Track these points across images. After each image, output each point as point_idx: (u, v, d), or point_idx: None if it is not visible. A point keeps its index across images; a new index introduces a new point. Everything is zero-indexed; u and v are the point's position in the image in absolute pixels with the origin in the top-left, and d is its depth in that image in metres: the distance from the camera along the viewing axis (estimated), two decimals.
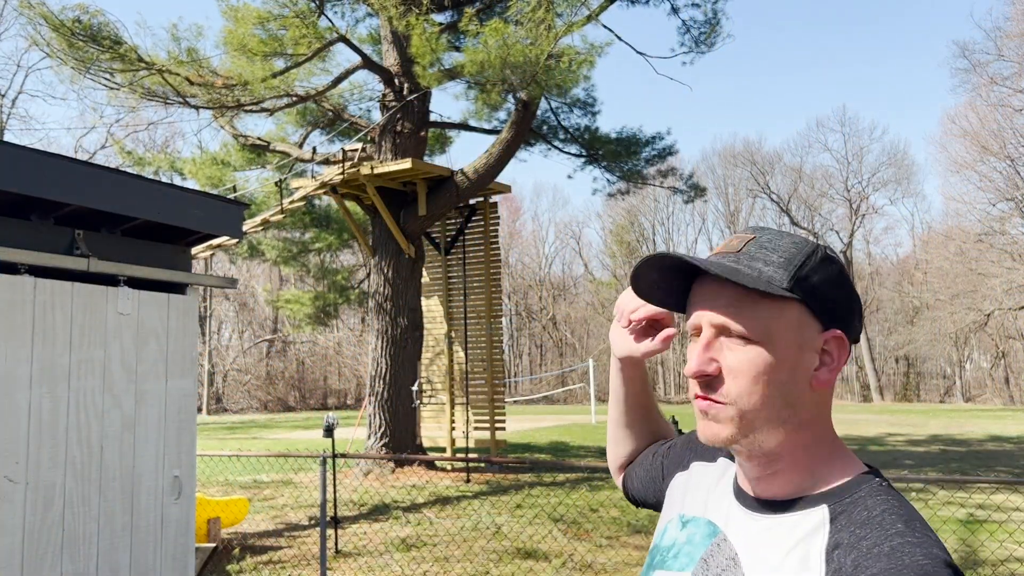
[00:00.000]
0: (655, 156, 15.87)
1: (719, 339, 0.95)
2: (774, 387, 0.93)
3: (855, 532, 0.87)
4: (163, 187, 3.90)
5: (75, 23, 10.76)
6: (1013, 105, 33.90)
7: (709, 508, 1.06)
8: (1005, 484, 7.17)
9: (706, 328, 0.96)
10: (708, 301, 0.96)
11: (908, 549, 0.82)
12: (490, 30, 10.26)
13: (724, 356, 0.94)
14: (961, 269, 37.20)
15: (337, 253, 24.60)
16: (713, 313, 0.95)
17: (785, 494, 0.96)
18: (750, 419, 0.93)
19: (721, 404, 0.94)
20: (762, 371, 0.93)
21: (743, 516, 0.99)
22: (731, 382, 0.94)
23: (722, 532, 1.00)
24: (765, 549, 0.94)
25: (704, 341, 0.96)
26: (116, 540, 3.50)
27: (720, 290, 0.95)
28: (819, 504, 0.93)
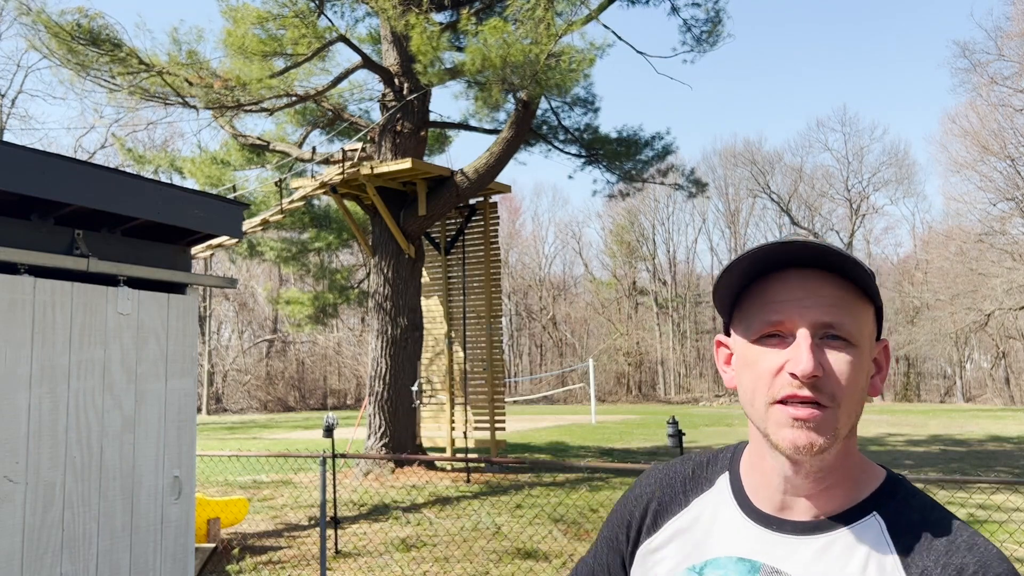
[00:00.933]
0: (655, 156, 15.87)
1: (815, 340, 0.89)
2: (860, 391, 0.91)
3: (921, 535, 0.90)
4: (163, 187, 3.90)
5: (74, 27, 10.75)
6: (1013, 105, 33.92)
7: (724, 547, 0.96)
8: (1005, 484, 7.16)
9: (804, 326, 0.89)
10: (806, 297, 0.90)
11: (979, 540, 0.89)
12: (490, 28, 10.25)
13: (827, 357, 0.89)
14: (961, 269, 37.20)
15: (337, 253, 24.60)
16: (817, 310, 0.89)
17: (836, 507, 0.93)
18: (842, 425, 0.89)
19: (825, 408, 0.88)
20: (857, 375, 0.90)
21: (785, 541, 0.93)
22: (834, 386, 0.88)
23: (765, 564, 0.92)
24: (830, 570, 0.89)
25: (809, 341, 0.88)
26: (116, 540, 3.50)
27: (821, 286, 0.90)
28: (868, 514, 0.92)
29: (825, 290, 0.90)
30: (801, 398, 0.88)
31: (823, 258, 0.90)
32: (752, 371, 0.93)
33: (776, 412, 0.89)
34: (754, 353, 0.92)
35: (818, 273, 0.91)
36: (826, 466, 0.91)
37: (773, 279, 0.92)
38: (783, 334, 0.91)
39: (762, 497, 0.96)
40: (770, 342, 0.91)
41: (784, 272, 0.92)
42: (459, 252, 14.28)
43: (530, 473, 12.75)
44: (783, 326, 0.90)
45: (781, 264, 0.92)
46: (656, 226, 53.47)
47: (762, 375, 0.91)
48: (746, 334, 0.94)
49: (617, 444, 18.37)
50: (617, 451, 16.77)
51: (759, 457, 0.97)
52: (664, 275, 53.33)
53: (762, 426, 0.92)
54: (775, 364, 0.90)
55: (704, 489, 1.03)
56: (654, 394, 49.96)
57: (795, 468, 0.91)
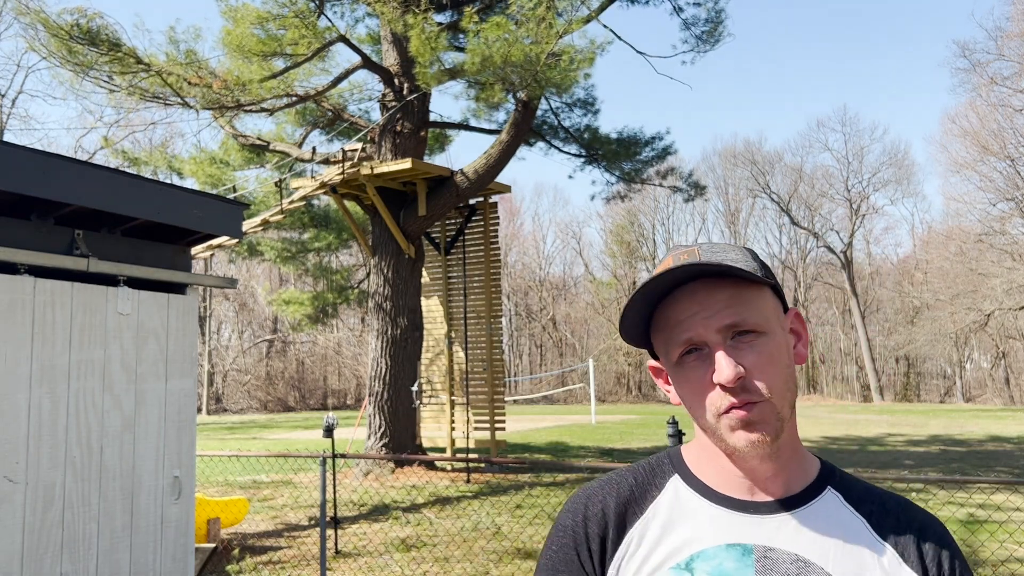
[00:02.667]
0: (655, 156, 15.87)
1: (727, 342, 0.93)
2: (786, 372, 0.95)
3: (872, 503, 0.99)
4: (163, 187, 3.90)
5: (73, 27, 10.74)
6: (1013, 105, 33.91)
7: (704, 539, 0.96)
8: (1005, 484, 7.16)
9: (711, 335, 0.93)
10: (703, 308, 0.93)
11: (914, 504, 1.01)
12: (491, 26, 10.25)
13: (743, 355, 0.92)
14: (961, 269, 37.21)
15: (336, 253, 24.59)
16: (717, 316, 0.92)
17: (796, 486, 0.98)
18: (782, 409, 0.93)
19: (759, 403, 0.91)
20: (777, 360, 0.94)
21: (765, 521, 0.95)
22: (758, 380, 0.92)
23: (756, 545, 0.94)
24: (818, 541, 0.94)
25: (722, 346, 0.92)
26: (116, 540, 3.49)
27: (710, 294, 0.94)
28: (824, 487, 0.99)
29: (719, 294, 0.94)
30: (738, 404, 0.91)
31: (698, 274, 0.94)
32: (688, 390, 0.96)
33: (724, 421, 0.93)
34: (683, 373, 0.96)
35: (706, 282, 0.94)
36: (781, 445, 0.95)
37: (667, 304, 0.96)
38: (699, 347, 0.94)
39: (729, 485, 0.99)
40: (689, 359, 0.95)
41: (676, 292, 0.96)
42: (459, 252, 14.28)
43: (530, 473, 12.74)
44: (694, 341, 0.94)
45: (672, 286, 0.96)
46: (656, 226, 53.50)
47: (698, 393, 0.94)
48: (668, 358, 0.98)
49: (617, 444, 18.37)
50: (617, 451, 16.77)
51: (713, 453, 1.00)
52: None
53: (716, 435, 0.95)
54: (704, 379, 0.94)
55: (655, 494, 1.02)
56: (654, 394, 49.96)
57: (754, 458, 0.95)
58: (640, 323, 0.99)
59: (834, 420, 26.29)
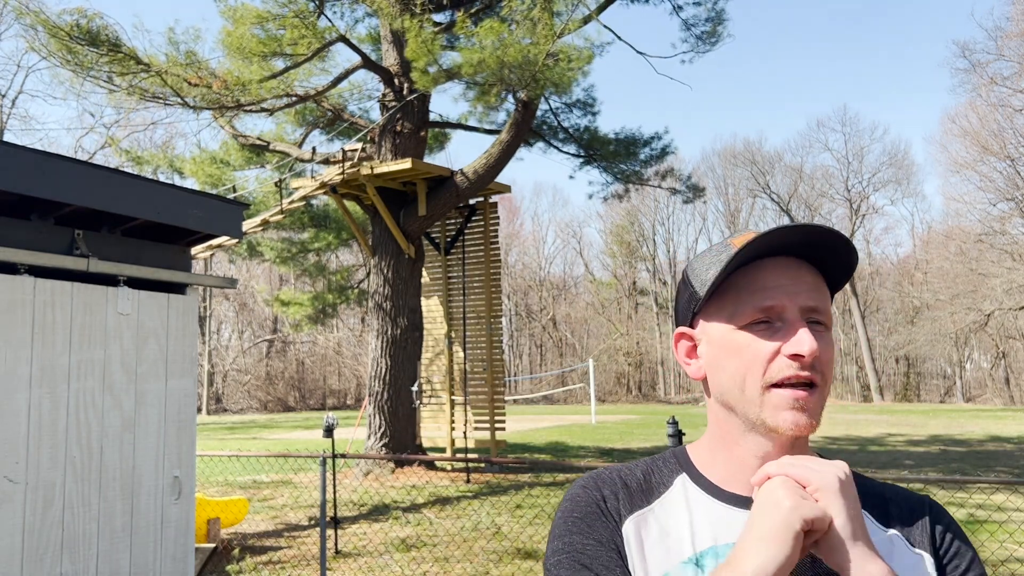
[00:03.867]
0: (654, 156, 15.86)
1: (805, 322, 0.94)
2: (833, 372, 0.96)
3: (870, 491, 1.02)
4: (163, 187, 3.90)
5: (73, 27, 10.74)
6: (1013, 105, 33.92)
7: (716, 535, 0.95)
8: (1005, 484, 7.16)
9: (793, 311, 0.93)
10: (793, 284, 0.94)
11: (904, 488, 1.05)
12: (485, 30, 10.25)
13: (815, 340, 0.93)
14: (961, 269, 37.21)
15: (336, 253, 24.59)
16: (805, 295, 0.93)
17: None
18: (824, 405, 0.95)
19: (817, 389, 0.92)
20: (832, 356, 0.96)
21: None
22: (824, 367, 0.93)
23: None
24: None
25: (803, 323, 0.92)
26: (116, 540, 3.49)
27: (801, 274, 0.95)
28: None
29: (807, 276, 0.95)
30: (801, 379, 0.91)
31: (811, 246, 0.94)
32: (741, 357, 0.94)
33: (774, 396, 0.91)
34: (743, 339, 0.94)
35: (797, 260, 0.96)
36: (799, 446, 0.96)
37: (758, 266, 0.95)
38: (771, 319, 0.93)
39: (737, 483, 0.97)
40: (758, 328, 0.93)
41: (769, 260, 0.95)
42: (459, 252, 14.28)
43: (530, 473, 12.75)
44: (773, 311, 0.93)
45: (766, 251, 0.95)
46: (656, 226, 53.50)
47: (756, 360, 0.93)
48: (731, 320, 0.96)
49: (617, 444, 18.36)
50: (617, 451, 16.76)
51: (729, 445, 0.98)
52: (664, 275, 53.32)
53: (754, 411, 0.93)
54: (769, 349, 0.92)
55: (662, 490, 1.01)
56: (654, 394, 49.96)
57: (779, 450, 0.94)
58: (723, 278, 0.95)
59: (834, 420, 26.28)
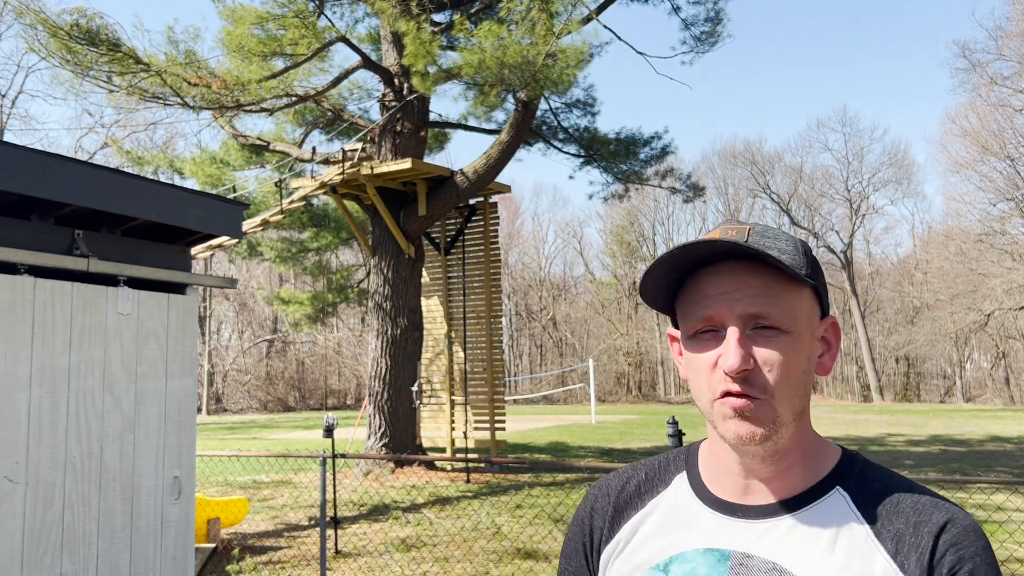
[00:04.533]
0: (654, 156, 15.86)
1: (746, 332, 0.90)
2: (799, 378, 0.91)
3: (885, 502, 0.91)
4: (163, 187, 3.90)
5: (73, 27, 10.74)
6: (1013, 105, 33.92)
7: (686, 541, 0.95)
8: (1005, 484, 7.16)
9: (732, 320, 0.90)
10: (735, 290, 0.90)
11: (939, 498, 0.91)
12: (484, 32, 10.25)
13: (757, 348, 0.89)
14: (961, 269, 37.21)
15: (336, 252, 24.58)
16: (744, 302, 0.89)
17: (797, 488, 0.94)
18: (782, 413, 0.90)
19: (758, 400, 0.89)
20: (793, 362, 0.90)
21: (751, 526, 0.93)
22: (767, 375, 0.89)
23: (735, 552, 0.92)
24: (803, 548, 0.89)
25: (737, 335, 0.89)
26: (116, 540, 3.49)
27: (745, 279, 0.90)
28: (831, 490, 0.93)
29: (755, 280, 0.90)
30: (735, 393, 0.89)
31: (737, 253, 0.91)
32: (693, 368, 0.94)
33: (719, 406, 0.90)
34: (693, 349, 0.94)
35: (746, 263, 0.91)
36: (780, 448, 0.92)
37: (704, 273, 0.93)
38: (716, 328, 0.91)
39: (723, 485, 0.97)
40: (705, 337, 0.92)
41: (715, 265, 0.93)
42: (459, 252, 14.28)
43: (530, 473, 12.74)
44: (713, 320, 0.91)
45: (711, 258, 0.93)
46: (656, 226, 53.51)
47: (702, 371, 0.92)
48: (685, 330, 0.96)
49: (617, 444, 18.36)
50: (617, 451, 16.77)
51: (717, 447, 0.97)
52: None
53: (710, 419, 0.93)
54: (711, 359, 0.91)
55: (660, 490, 1.02)
56: (654, 394, 49.97)
57: (749, 455, 0.92)
58: (667, 286, 0.96)
59: (834, 420, 26.28)
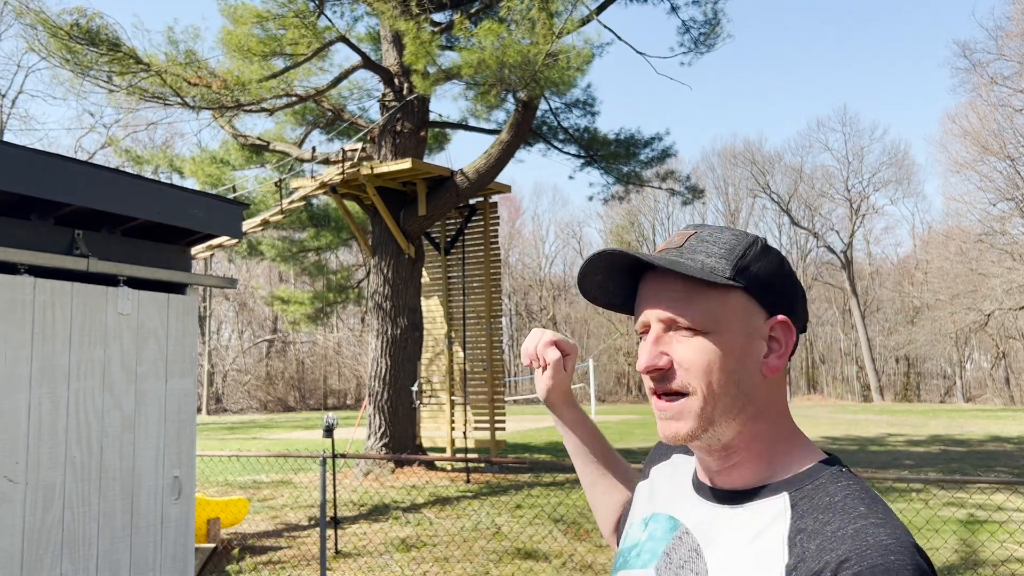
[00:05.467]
0: (654, 157, 15.86)
1: (668, 333, 0.96)
2: (726, 376, 0.93)
3: (818, 518, 0.87)
4: (163, 187, 3.90)
5: (73, 27, 10.74)
6: (1013, 105, 33.91)
7: (669, 504, 1.06)
8: (1005, 484, 7.16)
9: (654, 323, 0.97)
10: (653, 297, 0.97)
11: (872, 530, 0.82)
12: (484, 31, 10.25)
13: (674, 349, 0.95)
14: (961, 269, 37.20)
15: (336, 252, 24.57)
16: (659, 308, 0.96)
17: (745, 484, 0.97)
18: (707, 412, 0.93)
19: (678, 399, 0.95)
20: (712, 360, 0.93)
21: (703, 508, 1.00)
22: (683, 374, 0.94)
23: (683, 525, 1.00)
24: (727, 538, 0.93)
25: (653, 336, 0.97)
26: (116, 540, 3.49)
27: (664, 285, 0.97)
28: (779, 492, 0.93)
29: (674, 286, 0.96)
30: (656, 391, 0.96)
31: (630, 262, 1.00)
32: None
33: (653, 407, 0.99)
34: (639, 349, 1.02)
35: (661, 272, 0.98)
36: (725, 444, 0.96)
37: (645, 279, 1.01)
38: (646, 332, 0.99)
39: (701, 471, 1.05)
40: (643, 339, 1.00)
41: (644, 277, 1.01)
42: (459, 252, 14.28)
43: (530, 473, 12.74)
44: (644, 327, 0.99)
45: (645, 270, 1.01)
46: (656, 226, 53.50)
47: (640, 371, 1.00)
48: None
49: (617, 444, 18.36)
50: (617, 451, 16.76)
51: None
52: None
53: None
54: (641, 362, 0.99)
55: (662, 461, 1.18)
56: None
57: (697, 447, 0.99)
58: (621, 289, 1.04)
59: (834, 420, 26.28)
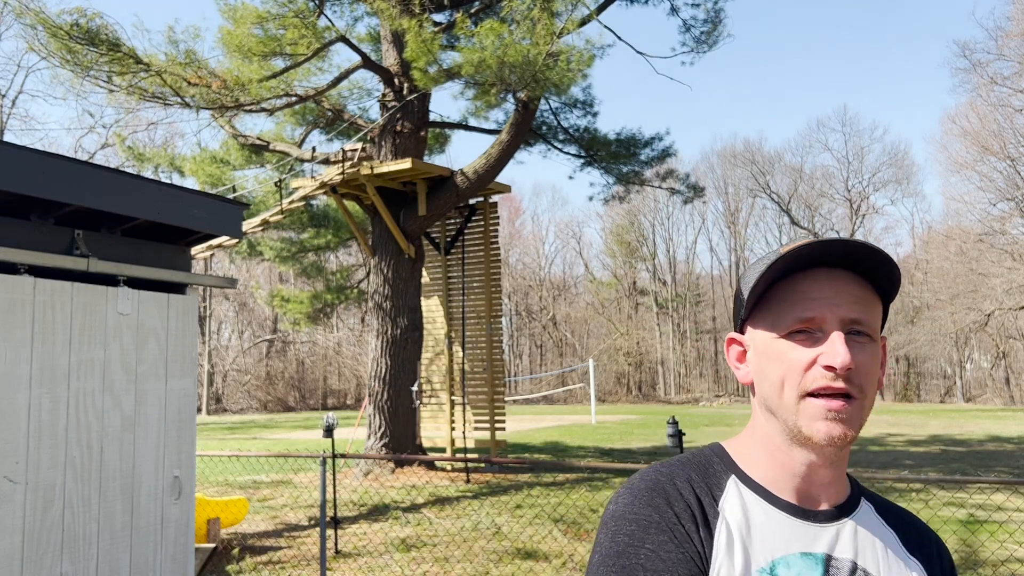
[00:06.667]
0: (654, 157, 15.85)
1: (845, 334, 0.94)
2: (875, 385, 0.96)
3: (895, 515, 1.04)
4: (163, 187, 3.90)
5: (73, 27, 10.73)
6: (1013, 105, 33.91)
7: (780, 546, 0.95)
8: (1005, 484, 7.16)
9: (832, 322, 0.93)
10: (834, 295, 0.94)
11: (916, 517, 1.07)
12: (485, 30, 10.24)
13: (855, 351, 0.93)
14: (961, 269, 37.20)
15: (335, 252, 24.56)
16: (846, 307, 0.94)
17: (842, 497, 1.01)
18: (864, 417, 0.94)
19: (854, 400, 0.93)
20: (875, 368, 0.96)
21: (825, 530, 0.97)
22: (862, 379, 0.93)
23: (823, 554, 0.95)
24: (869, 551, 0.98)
25: (838, 335, 0.92)
26: (116, 540, 3.49)
27: (848, 284, 0.95)
28: (860, 500, 1.02)
29: (852, 288, 0.95)
30: (835, 390, 0.92)
31: (855, 259, 0.95)
32: (780, 365, 0.95)
33: (809, 405, 0.93)
34: (783, 347, 0.96)
35: (844, 272, 0.96)
36: (842, 455, 0.98)
37: (802, 277, 0.96)
38: (811, 330, 0.94)
39: (786, 490, 0.98)
40: (799, 338, 0.95)
41: (813, 271, 0.96)
42: (459, 252, 14.28)
43: (530, 473, 12.74)
44: (814, 322, 0.94)
45: (811, 263, 0.96)
46: (656, 226, 53.51)
47: (793, 368, 0.94)
48: (773, 329, 0.97)
49: (617, 444, 18.36)
50: (617, 451, 16.77)
51: (772, 450, 0.99)
52: (664, 275, 53.33)
53: (792, 419, 0.94)
54: (806, 358, 0.94)
55: (718, 496, 0.98)
56: (654, 394, 49.97)
57: (822, 459, 0.96)
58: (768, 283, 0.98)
59: None
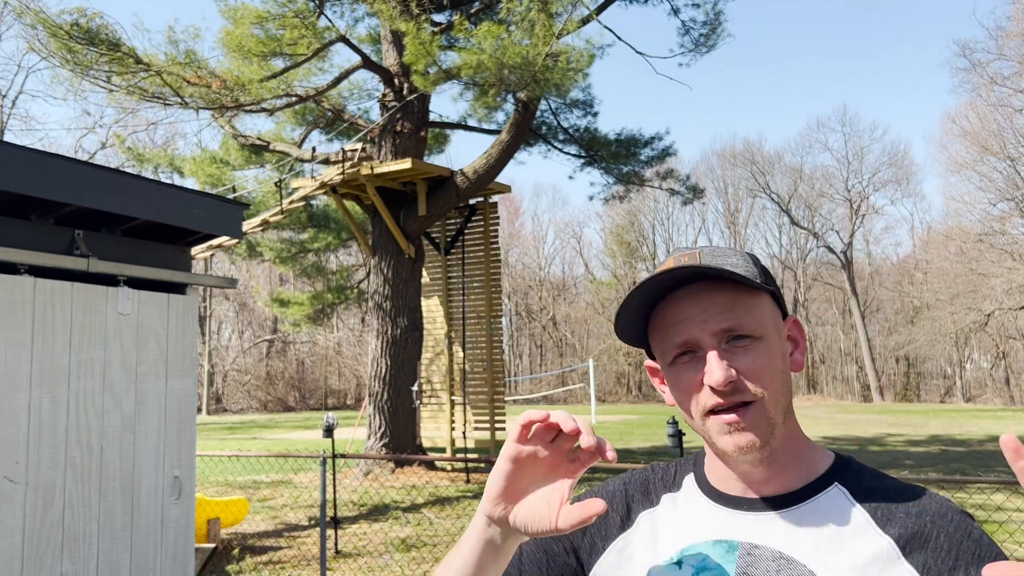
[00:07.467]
0: (654, 157, 15.85)
1: (722, 346, 0.93)
2: (779, 378, 0.95)
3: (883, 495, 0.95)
4: (163, 187, 3.90)
5: (73, 27, 10.73)
6: (1013, 105, 33.90)
7: (696, 535, 0.99)
8: (1005, 484, 7.15)
9: (706, 339, 0.93)
10: (699, 312, 0.94)
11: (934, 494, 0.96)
12: (483, 32, 10.25)
13: (736, 359, 0.93)
14: (961, 269, 37.20)
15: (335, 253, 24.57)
16: (713, 320, 0.93)
17: (792, 487, 0.97)
18: (772, 416, 0.94)
19: (746, 409, 0.92)
20: (772, 364, 0.95)
21: (758, 518, 0.96)
22: (753, 381, 0.93)
23: (742, 542, 0.95)
24: (808, 538, 0.93)
25: (716, 349, 0.93)
26: (116, 540, 3.49)
27: (711, 296, 0.94)
28: (829, 485, 0.98)
29: (717, 298, 0.95)
30: (726, 405, 0.93)
31: (696, 276, 0.95)
32: (678, 391, 0.98)
33: (711, 423, 0.94)
34: (675, 374, 0.97)
35: (705, 284, 0.95)
36: (775, 450, 0.96)
37: (667, 303, 0.97)
38: (693, 350, 0.95)
39: (728, 485, 1.00)
40: (684, 360, 0.96)
41: (674, 293, 0.97)
42: (459, 252, 14.28)
43: None
44: (688, 344, 0.95)
45: (669, 287, 0.96)
46: (656, 226, 53.51)
47: (687, 393, 0.96)
48: (663, 359, 1.00)
49: (617, 444, 18.36)
50: (617, 451, 16.73)
51: (715, 460, 1.02)
52: None
53: (706, 436, 0.97)
54: (695, 380, 0.95)
55: (671, 490, 1.07)
56: (654, 394, 49.95)
57: (747, 464, 0.96)
58: (638, 322, 1.00)
59: (834, 420, 26.29)
